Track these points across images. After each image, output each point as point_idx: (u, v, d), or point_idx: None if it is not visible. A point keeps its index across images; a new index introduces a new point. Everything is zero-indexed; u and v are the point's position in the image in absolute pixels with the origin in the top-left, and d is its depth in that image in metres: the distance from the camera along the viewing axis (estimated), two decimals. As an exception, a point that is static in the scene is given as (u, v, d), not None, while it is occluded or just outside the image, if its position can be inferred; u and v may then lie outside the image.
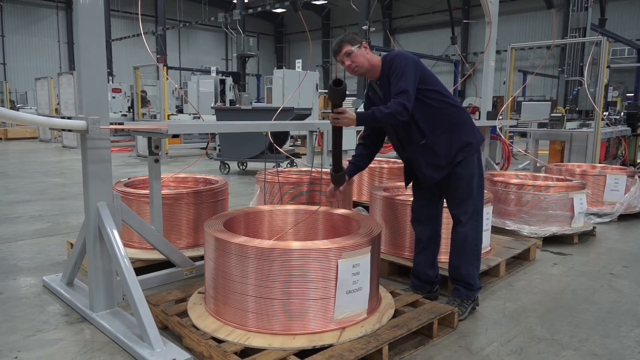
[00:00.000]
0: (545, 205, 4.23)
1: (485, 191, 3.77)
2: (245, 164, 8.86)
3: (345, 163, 3.03)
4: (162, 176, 3.29)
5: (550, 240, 4.21)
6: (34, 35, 27.47)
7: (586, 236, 4.47)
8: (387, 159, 5.85)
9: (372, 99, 2.80)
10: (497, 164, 7.23)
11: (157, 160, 3.02)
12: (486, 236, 3.48)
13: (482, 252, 3.42)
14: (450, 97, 2.67)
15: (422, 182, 2.76)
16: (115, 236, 2.47)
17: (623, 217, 5.19)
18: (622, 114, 8.85)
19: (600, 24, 6.33)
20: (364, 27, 14.48)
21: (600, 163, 6.80)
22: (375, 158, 5.74)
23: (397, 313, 2.51)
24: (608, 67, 8.61)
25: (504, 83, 8.41)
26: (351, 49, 2.63)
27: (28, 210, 5.42)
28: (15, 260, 3.65)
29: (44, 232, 4.50)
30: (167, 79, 10.06)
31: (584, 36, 8.78)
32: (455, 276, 2.78)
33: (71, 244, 3.47)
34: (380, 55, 2.76)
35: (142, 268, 3.18)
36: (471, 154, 2.64)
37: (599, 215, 5.12)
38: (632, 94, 18.28)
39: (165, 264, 3.18)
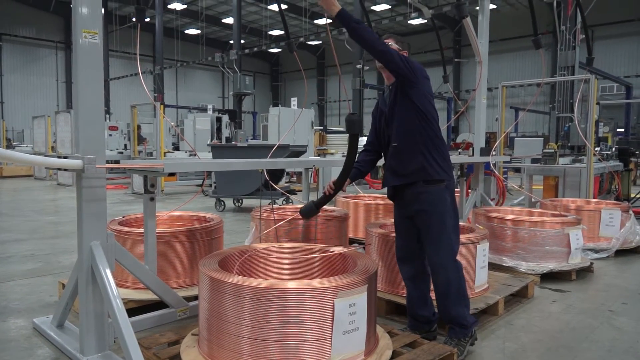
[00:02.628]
0: (542, 241, 4.22)
1: (480, 227, 3.77)
2: (240, 201, 8.85)
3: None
4: (157, 214, 3.27)
5: (548, 277, 4.18)
6: (33, 74, 27.84)
7: (584, 272, 4.44)
8: (382, 195, 5.86)
9: (380, 105, 2.91)
10: (492, 199, 7.25)
11: (152, 199, 3.01)
12: (483, 273, 3.45)
13: (480, 289, 3.40)
14: (437, 127, 2.75)
15: (383, 183, 2.88)
16: (108, 276, 2.43)
17: (620, 253, 5.18)
18: (613, 149, 8.96)
19: (588, 62, 6.49)
20: (358, 66, 14.82)
21: (594, 198, 6.83)
22: (371, 194, 5.76)
23: (395, 354, 2.45)
24: (598, 103, 8.79)
25: (497, 119, 8.54)
26: (392, 45, 2.77)
27: (20, 249, 5.35)
28: (5, 302, 3.58)
29: (36, 272, 4.43)
30: (164, 117, 10.16)
31: (573, 74, 8.99)
32: (447, 319, 2.74)
33: (63, 284, 3.41)
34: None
35: (135, 309, 3.11)
36: (438, 185, 2.67)
37: (595, 251, 5.10)
38: (623, 130, 18.58)
39: (159, 304, 3.12)
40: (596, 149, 7.90)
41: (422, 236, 2.74)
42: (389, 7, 26.25)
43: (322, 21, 28.06)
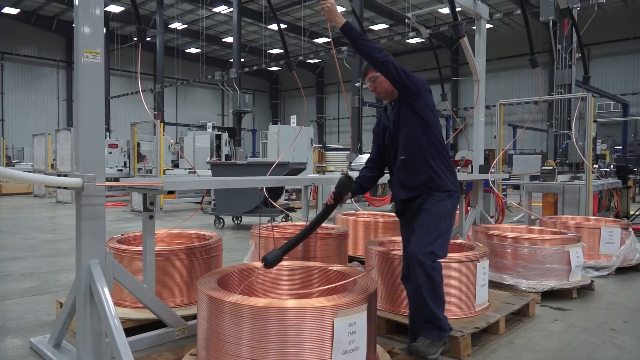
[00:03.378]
0: (542, 259, 4.20)
1: (480, 245, 3.76)
2: (240, 219, 8.83)
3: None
4: (155, 232, 3.27)
5: (549, 295, 4.15)
6: (34, 92, 28.03)
7: (585, 290, 4.41)
8: (382, 213, 5.85)
9: (382, 121, 2.94)
10: (492, 217, 7.24)
11: (151, 217, 3.00)
12: (484, 291, 3.43)
13: (481, 308, 3.37)
14: (442, 138, 2.80)
15: (392, 198, 2.94)
16: (106, 295, 2.42)
17: (620, 270, 5.15)
18: (611, 166, 8.99)
19: (585, 81, 6.56)
20: (357, 85, 14.93)
21: (593, 215, 6.83)
22: (370, 212, 5.75)
23: (395, 374, 2.42)
24: (595, 121, 8.85)
25: (495, 137, 8.58)
26: (375, 75, 2.82)
27: (18, 267, 5.32)
28: (2, 321, 3.54)
29: (33, 290, 4.40)
30: (164, 135, 10.20)
31: (570, 92, 9.05)
32: (423, 318, 2.65)
33: (60, 303, 3.38)
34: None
35: (133, 328, 3.08)
36: (443, 192, 2.71)
37: (596, 269, 5.08)
38: (620, 147, 18.66)
39: (157, 323, 3.09)
40: (594, 166, 7.92)
41: (415, 231, 2.70)
42: (387, 26, 26.58)
43: (322, 40, 28.38)
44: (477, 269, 3.35)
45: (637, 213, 8.39)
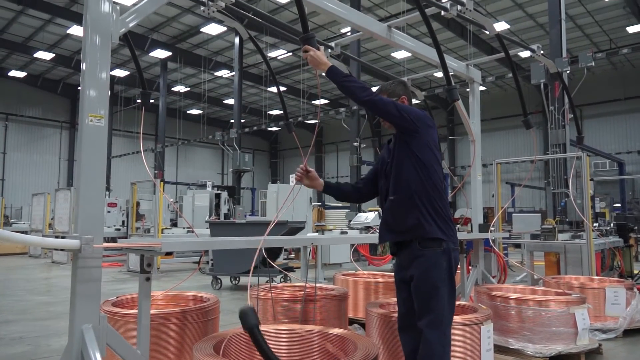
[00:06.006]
0: (548, 322, 4.08)
1: (483, 307, 3.67)
2: (237, 279, 8.68)
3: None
4: (152, 294, 3.20)
5: None
6: (36, 152, 28.38)
7: (593, 354, 4.27)
8: (382, 273, 5.76)
9: (384, 154, 2.82)
10: (494, 276, 7.13)
11: (148, 279, 2.95)
12: (489, 356, 3.32)
13: (487, 374, 3.24)
14: (439, 181, 2.60)
15: (379, 239, 2.76)
16: (98, 362, 2.33)
17: (628, 333, 5.00)
18: (612, 224, 8.96)
19: (578, 141, 6.69)
20: (355, 144, 15.20)
21: (597, 275, 6.72)
22: (370, 272, 5.68)
23: None
24: (592, 179, 8.92)
25: (493, 196, 8.62)
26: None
27: (9, 331, 5.16)
28: (-13, 389, 3.40)
29: (24, 356, 4.24)
30: (163, 194, 10.24)
31: (565, 151, 9.19)
32: None
33: (50, 370, 3.25)
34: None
35: (124, 397, 2.94)
36: (434, 249, 2.49)
37: (603, 331, 4.93)
38: (619, 205, 18.71)
39: (149, 392, 2.96)
40: (594, 224, 7.89)
41: (415, 304, 2.54)
42: (384, 88, 27.36)
43: (321, 101, 29.18)
44: (481, 333, 3.26)
45: (641, 272, 8.27)
